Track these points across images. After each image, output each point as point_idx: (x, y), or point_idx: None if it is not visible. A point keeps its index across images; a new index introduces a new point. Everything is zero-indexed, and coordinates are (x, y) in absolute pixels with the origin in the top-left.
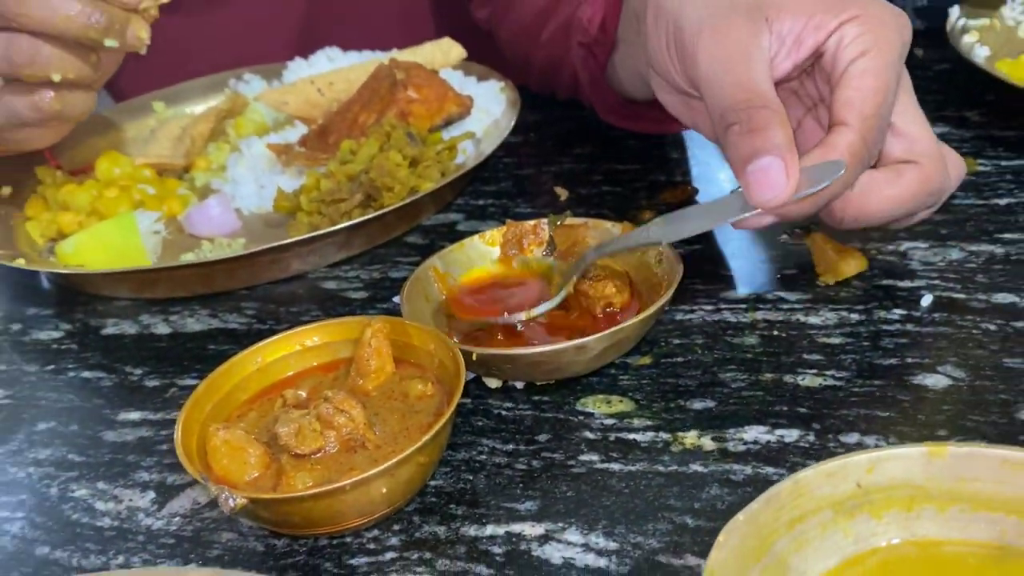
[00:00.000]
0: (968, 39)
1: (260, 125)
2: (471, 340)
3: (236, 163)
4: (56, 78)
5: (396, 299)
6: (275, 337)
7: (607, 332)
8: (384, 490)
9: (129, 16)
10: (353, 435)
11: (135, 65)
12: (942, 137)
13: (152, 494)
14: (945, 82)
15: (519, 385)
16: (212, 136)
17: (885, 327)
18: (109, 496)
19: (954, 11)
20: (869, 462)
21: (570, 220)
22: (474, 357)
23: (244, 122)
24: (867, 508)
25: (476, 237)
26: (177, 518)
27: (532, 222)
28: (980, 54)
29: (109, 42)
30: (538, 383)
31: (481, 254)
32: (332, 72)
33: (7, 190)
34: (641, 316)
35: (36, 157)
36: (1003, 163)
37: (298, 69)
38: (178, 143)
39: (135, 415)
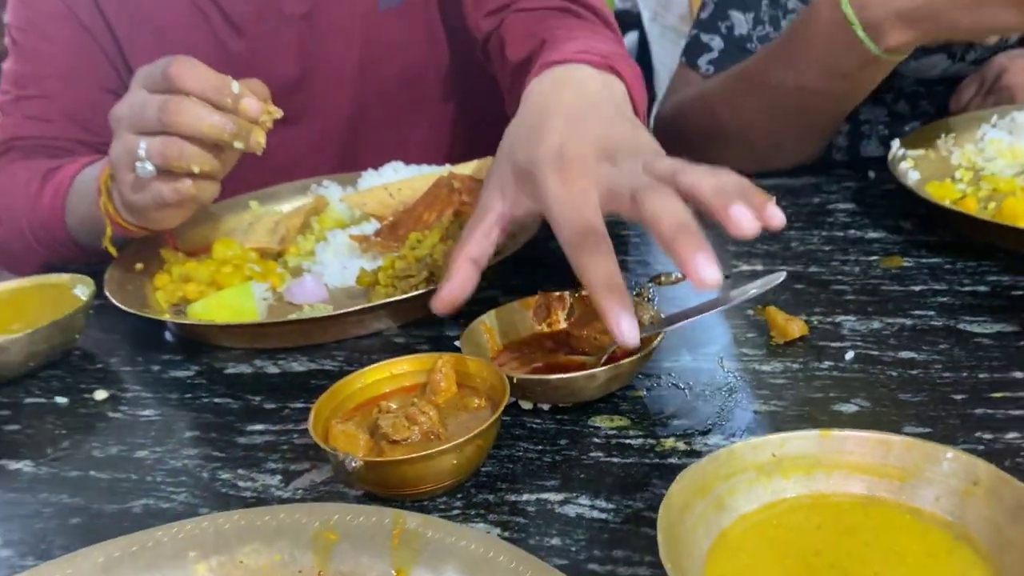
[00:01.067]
0: (904, 165)
1: (340, 221)
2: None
3: (324, 249)
4: (195, 170)
5: (457, 343)
6: (372, 366)
7: (609, 367)
8: (454, 462)
9: (252, 126)
10: (431, 429)
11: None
12: (881, 240)
13: (279, 477)
14: (889, 198)
15: (545, 407)
16: (300, 229)
17: (817, 373)
18: (247, 478)
19: (895, 143)
20: (781, 440)
21: (586, 292)
22: (515, 380)
23: (326, 218)
24: (779, 471)
25: (515, 302)
26: (300, 491)
27: (558, 292)
28: (912, 177)
29: (237, 144)
30: (560, 405)
31: (520, 315)
32: (400, 181)
33: (140, 266)
34: (633, 357)
35: (159, 241)
36: (923, 261)
37: (370, 178)
38: (272, 233)
39: (259, 427)
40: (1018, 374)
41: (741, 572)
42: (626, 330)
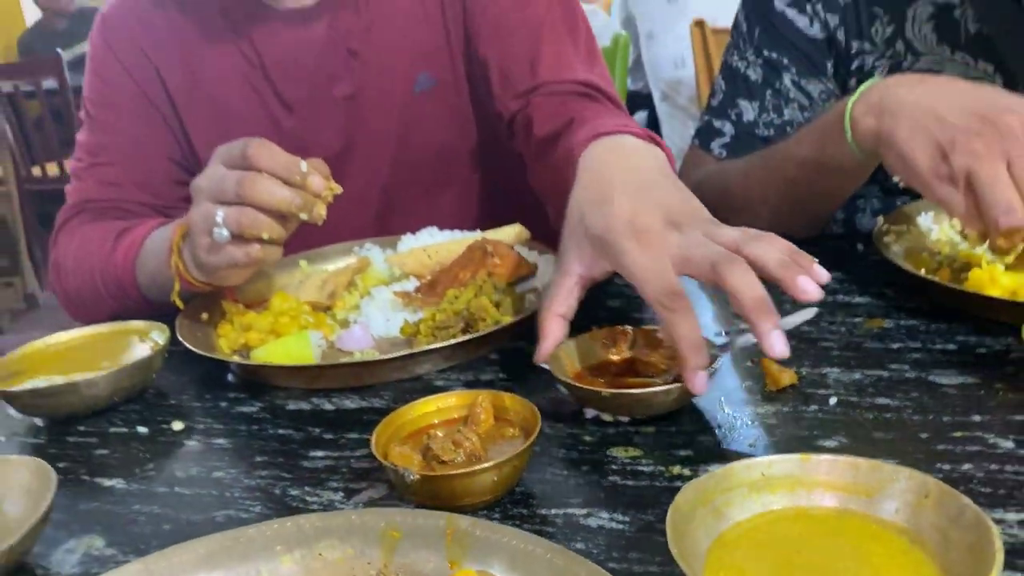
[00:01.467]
0: (887, 239)
1: (381, 278)
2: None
3: (368, 304)
4: (265, 236)
5: (544, 365)
6: (422, 400)
7: (680, 385)
8: (494, 479)
9: (315, 200)
10: (474, 452)
11: None
12: (866, 305)
13: (342, 493)
14: (875, 268)
15: (624, 419)
16: (347, 286)
17: (804, 415)
18: (314, 494)
19: (879, 219)
20: (769, 462)
21: (650, 327)
22: (603, 394)
23: (369, 276)
24: (767, 488)
25: (586, 334)
26: (360, 505)
27: (621, 327)
28: (895, 250)
29: (303, 215)
30: (635, 417)
31: (590, 345)
32: (437, 244)
33: (205, 316)
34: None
35: (219, 295)
36: (902, 323)
37: (408, 241)
38: (321, 289)
39: (321, 453)
40: (976, 417)
41: (735, 565)
42: (699, 384)
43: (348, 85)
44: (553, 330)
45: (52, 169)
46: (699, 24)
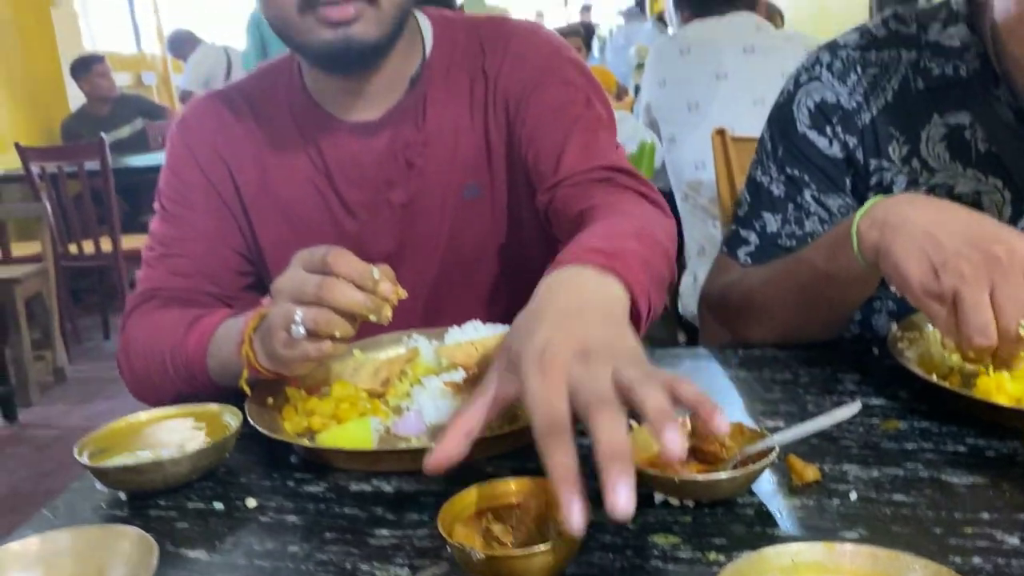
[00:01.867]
0: (900, 345)
1: (429, 368)
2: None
3: (420, 393)
4: (337, 335)
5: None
6: (479, 485)
7: (744, 470)
8: (550, 560)
9: (383, 303)
10: (529, 534)
11: None
12: (882, 406)
13: (407, 569)
14: (890, 372)
15: (690, 503)
16: (398, 374)
17: (827, 509)
18: (382, 569)
19: (893, 326)
20: (798, 549)
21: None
22: (677, 480)
23: (417, 366)
24: (796, 573)
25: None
26: None
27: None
28: (907, 356)
29: (372, 317)
30: (700, 502)
31: (647, 439)
32: (483, 338)
33: (271, 400)
34: (759, 464)
35: (282, 382)
36: (915, 424)
37: (455, 333)
38: (375, 377)
39: (385, 532)
40: (985, 515)
41: None
42: (575, 517)
43: (404, 193)
44: (450, 443)
45: (88, 247)
46: (720, 132)
